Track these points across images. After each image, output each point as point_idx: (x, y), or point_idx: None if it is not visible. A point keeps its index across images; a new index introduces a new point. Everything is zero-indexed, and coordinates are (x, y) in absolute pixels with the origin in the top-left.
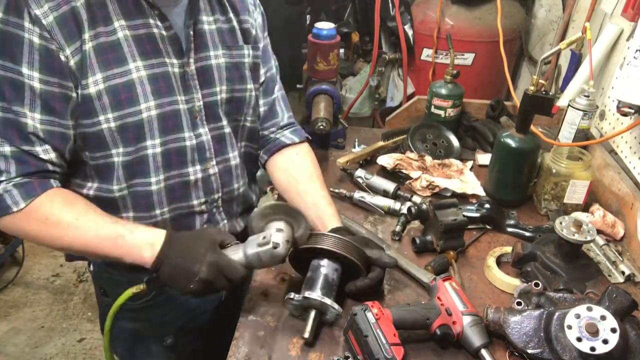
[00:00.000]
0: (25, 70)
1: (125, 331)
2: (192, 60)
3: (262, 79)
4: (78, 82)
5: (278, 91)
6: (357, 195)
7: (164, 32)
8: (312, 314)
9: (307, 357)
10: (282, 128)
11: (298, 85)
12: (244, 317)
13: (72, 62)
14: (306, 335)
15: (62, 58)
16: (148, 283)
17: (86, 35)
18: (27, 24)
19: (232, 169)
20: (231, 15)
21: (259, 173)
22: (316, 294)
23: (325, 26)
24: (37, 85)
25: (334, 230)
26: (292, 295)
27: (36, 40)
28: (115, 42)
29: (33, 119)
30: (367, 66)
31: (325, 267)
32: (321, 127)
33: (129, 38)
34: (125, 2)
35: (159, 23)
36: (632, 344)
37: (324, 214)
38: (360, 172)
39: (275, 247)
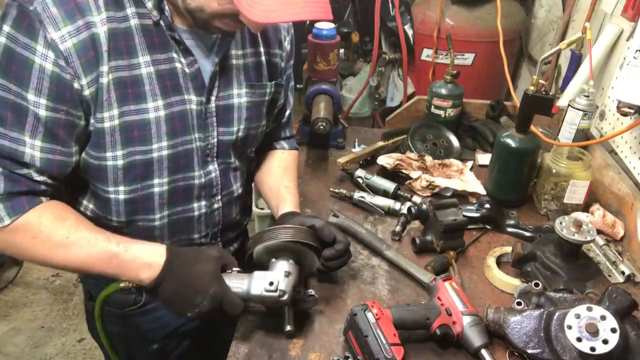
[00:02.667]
0: (31, 96)
1: (111, 335)
2: (213, 98)
3: (277, 109)
4: (91, 113)
5: (288, 114)
6: (357, 195)
7: (186, 69)
8: (286, 308)
9: (307, 357)
10: (279, 140)
11: (298, 85)
12: (244, 317)
13: (87, 92)
14: (287, 328)
15: (76, 86)
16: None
17: (105, 67)
18: (40, 48)
19: (234, 200)
20: (261, 49)
21: None
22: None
23: (325, 26)
24: (42, 112)
25: (284, 215)
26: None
27: (49, 66)
28: (138, 77)
29: (32, 147)
30: (367, 66)
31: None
32: (321, 127)
33: (152, 75)
34: (150, 36)
35: (182, 59)
36: (632, 344)
37: (282, 201)
38: (360, 172)
39: (281, 296)
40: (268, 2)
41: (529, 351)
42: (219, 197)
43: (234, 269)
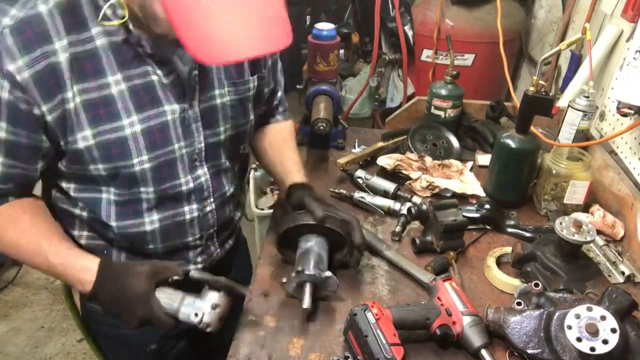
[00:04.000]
0: None
1: (107, 336)
2: (196, 102)
3: (266, 96)
4: (58, 137)
5: (280, 95)
6: (357, 195)
7: (164, 80)
8: (307, 286)
9: (307, 357)
10: (273, 116)
11: (298, 86)
12: (244, 317)
13: (49, 117)
14: (305, 305)
15: (37, 112)
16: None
17: (69, 93)
18: None
19: (227, 200)
20: None
21: (258, 173)
22: (310, 270)
23: (325, 27)
24: (2, 134)
25: (295, 186)
26: (284, 279)
27: (5, 95)
28: (108, 97)
29: None
30: (367, 67)
31: (313, 243)
32: (321, 127)
33: (124, 93)
34: (122, 53)
35: (158, 71)
36: (632, 344)
37: (289, 172)
38: (360, 173)
39: (204, 328)
40: (216, 43)
41: (529, 351)
42: (211, 199)
43: (174, 277)
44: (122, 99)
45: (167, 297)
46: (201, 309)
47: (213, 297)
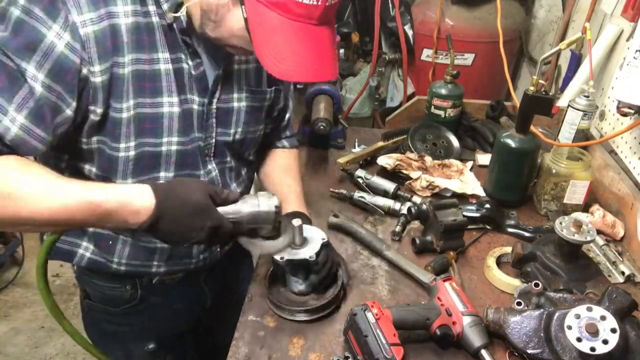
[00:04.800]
0: (31, 69)
1: (106, 334)
2: (215, 101)
3: (276, 113)
4: (98, 101)
5: (288, 116)
6: (357, 195)
7: (192, 71)
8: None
9: (307, 357)
10: (281, 139)
11: (298, 86)
12: (244, 317)
13: (98, 79)
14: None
15: (85, 72)
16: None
17: (125, 59)
18: (56, 27)
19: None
20: None
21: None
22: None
23: None
24: (38, 88)
25: (287, 215)
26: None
27: (60, 46)
28: (157, 72)
29: (13, 121)
30: (367, 66)
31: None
32: (321, 127)
33: (170, 71)
34: (166, 35)
35: (189, 61)
36: (632, 344)
37: (285, 200)
38: (360, 172)
39: (276, 211)
40: (286, 65)
41: (529, 351)
42: None
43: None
44: (167, 77)
45: (227, 207)
46: (267, 198)
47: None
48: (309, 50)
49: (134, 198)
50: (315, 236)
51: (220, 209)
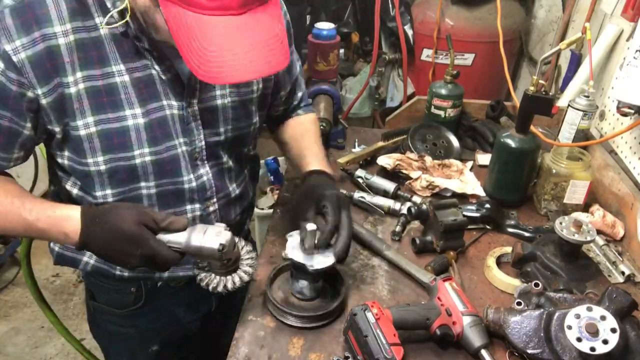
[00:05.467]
0: None
1: (111, 335)
2: (195, 101)
3: (283, 99)
4: (54, 121)
5: (300, 94)
6: (357, 195)
7: (162, 76)
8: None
9: (307, 357)
10: (294, 111)
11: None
12: (244, 317)
13: (44, 101)
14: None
15: (30, 95)
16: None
17: (70, 78)
18: None
19: (232, 201)
20: None
21: (261, 173)
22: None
23: (325, 26)
24: None
25: (310, 174)
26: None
27: None
28: (112, 86)
29: None
30: (367, 66)
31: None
32: (321, 127)
33: (126, 84)
34: (122, 45)
35: (156, 66)
36: (632, 344)
37: (306, 161)
38: (360, 172)
39: (222, 249)
40: (217, 64)
41: (529, 351)
42: (214, 199)
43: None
44: (125, 89)
45: (170, 235)
46: (216, 234)
47: (215, 227)
48: (237, 44)
49: (63, 221)
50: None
51: (162, 237)
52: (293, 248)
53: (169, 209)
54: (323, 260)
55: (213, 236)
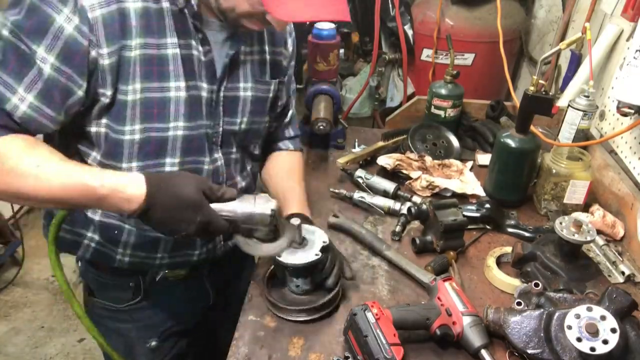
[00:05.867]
0: (41, 51)
1: (109, 330)
2: (222, 88)
3: (279, 110)
4: (107, 84)
5: (291, 114)
6: (357, 195)
7: (202, 57)
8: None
9: (307, 357)
10: (284, 140)
11: (298, 86)
12: (244, 317)
13: (106, 61)
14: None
15: (93, 54)
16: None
17: (133, 42)
18: (66, 10)
19: (238, 192)
20: (266, 46)
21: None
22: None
23: (325, 26)
24: (47, 69)
25: (287, 217)
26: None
27: (69, 29)
28: (164, 57)
29: (22, 100)
30: (367, 66)
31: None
32: (321, 127)
33: (177, 56)
34: (179, 21)
35: (200, 47)
36: (632, 344)
37: (288, 203)
38: (360, 172)
39: (272, 215)
40: (292, 3)
41: (529, 351)
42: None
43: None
44: (175, 62)
45: (223, 205)
46: (265, 201)
47: (264, 195)
48: None
49: (127, 186)
50: (317, 237)
51: (215, 206)
52: (282, 253)
53: None
54: (305, 256)
55: (263, 203)
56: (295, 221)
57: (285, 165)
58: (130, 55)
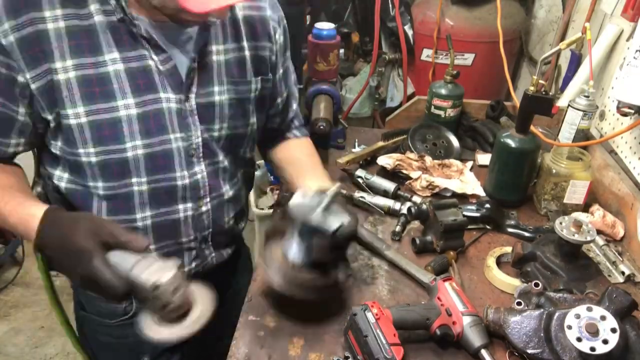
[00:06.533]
0: None
1: (101, 345)
2: (193, 96)
3: (280, 107)
4: (45, 108)
5: (295, 107)
6: (357, 195)
7: (160, 67)
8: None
9: (307, 357)
10: (291, 130)
11: (298, 86)
12: (244, 317)
13: (33, 86)
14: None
15: (21, 79)
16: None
17: (58, 64)
18: None
19: (225, 203)
20: (244, 43)
21: (258, 173)
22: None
23: (325, 26)
24: None
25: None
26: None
27: None
28: (104, 75)
29: None
30: (367, 66)
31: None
32: (321, 127)
33: (120, 73)
34: (118, 33)
35: (154, 57)
36: (632, 344)
37: (304, 173)
38: (360, 172)
39: (154, 289)
40: None
41: (529, 351)
42: (207, 199)
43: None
44: (118, 79)
45: (120, 258)
46: (161, 269)
47: (165, 261)
48: None
49: (29, 219)
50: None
51: (113, 255)
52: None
53: (162, 208)
54: (337, 219)
55: (156, 270)
56: (336, 187)
57: (299, 151)
58: (61, 79)
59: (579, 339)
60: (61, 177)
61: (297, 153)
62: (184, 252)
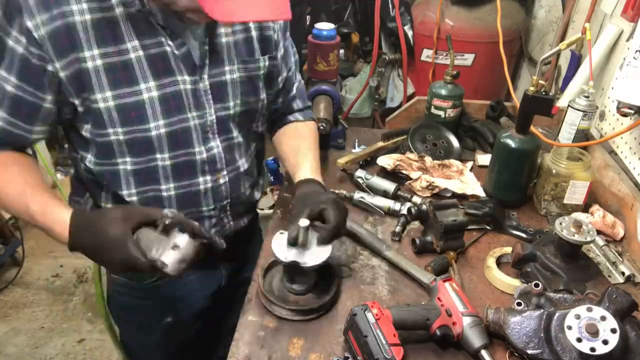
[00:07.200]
0: (2, 72)
1: (127, 307)
2: (206, 77)
3: (280, 85)
4: (74, 94)
5: (297, 87)
6: (357, 195)
7: (176, 51)
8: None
9: (307, 357)
10: (293, 112)
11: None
12: (244, 317)
13: (62, 74)
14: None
15: (50, 68)
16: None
17: (86, 53)
18: (14, 33)
19: (242, 175)
20: (250, 24)
21: None
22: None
23: (325, 27)
24: (10, 88)
25: (300, 182)
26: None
27: (19, 50)
28: (127, 62)
29: None
30: (367, 67)
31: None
32: (321, 127)
33: (141, 59)
34: (137, 22)
35: (170, 42)
36: (632, 345)
37: (298, 168)
38: (360, 173)
39: (162, 266)
40: (230, 3)
41: (529, 352)
42: (225, 172)
43: (155, 219)
44: (140, 65)
45: (147, 239)
46: (162, 247)
47: (177, 238)
48: None
49: (54, 224)
50: (312, 235)
51: (143, 241)
52: (280, 247)
53: (184, 180)
54: (316, 257)
55: (165, 251)
56: (303, 222)
57: (295, 134)
58: (89, 67)
59: (579, 340)
60: (90, 160)
61: (293, 144)
62: (204, 219)
